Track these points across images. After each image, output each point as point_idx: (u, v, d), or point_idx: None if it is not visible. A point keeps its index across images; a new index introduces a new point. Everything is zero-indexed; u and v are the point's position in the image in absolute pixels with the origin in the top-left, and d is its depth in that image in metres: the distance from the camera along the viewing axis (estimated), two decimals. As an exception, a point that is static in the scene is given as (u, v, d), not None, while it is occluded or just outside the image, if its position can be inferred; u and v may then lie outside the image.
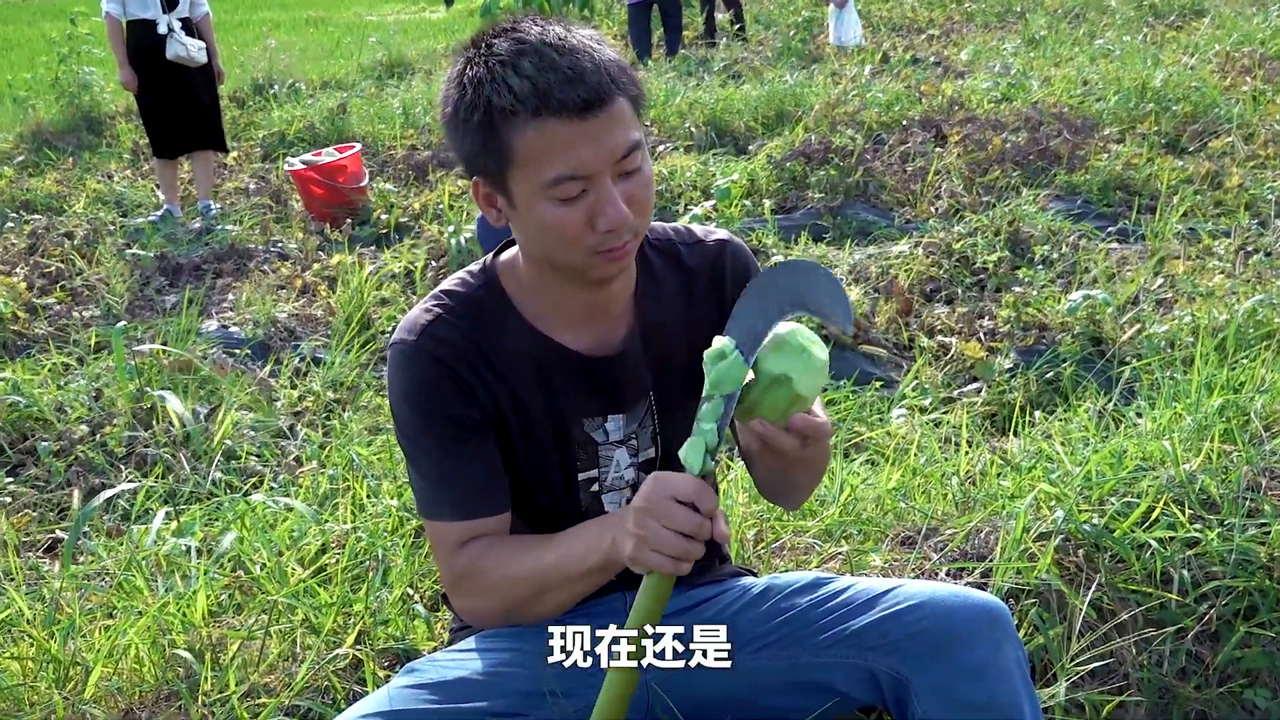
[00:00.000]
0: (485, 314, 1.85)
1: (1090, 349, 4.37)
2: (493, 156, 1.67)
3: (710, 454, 1.61)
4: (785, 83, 9.38)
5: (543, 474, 1.91)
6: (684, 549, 1.57)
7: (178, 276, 6.22)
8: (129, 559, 2.83)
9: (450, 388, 1.80)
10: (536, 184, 1.66)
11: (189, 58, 7.39)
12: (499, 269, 1.89)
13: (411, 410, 1.83)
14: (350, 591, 2.67)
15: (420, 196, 7.48)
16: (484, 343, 1.83)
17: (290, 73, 13.00)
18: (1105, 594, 2.58)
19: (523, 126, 1.62)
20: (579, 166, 1.64)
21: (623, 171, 1.68)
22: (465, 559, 1.84)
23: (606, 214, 1.66)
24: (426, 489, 1.86)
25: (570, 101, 1.61)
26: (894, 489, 3.09)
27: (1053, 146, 6.99)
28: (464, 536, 1.84)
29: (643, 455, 1.96)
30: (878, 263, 5.43)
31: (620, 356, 1.89)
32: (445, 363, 1.80)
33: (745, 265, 1.97)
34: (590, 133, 1.63)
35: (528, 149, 1.64)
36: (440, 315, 1.83)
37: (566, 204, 1.66)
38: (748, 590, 2.01)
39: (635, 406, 1.92)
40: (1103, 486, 2.81)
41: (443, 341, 1.80)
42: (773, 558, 2.88)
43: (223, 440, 3.84)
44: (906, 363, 4.61)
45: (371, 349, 4.86)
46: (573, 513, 1.94)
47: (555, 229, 1.68)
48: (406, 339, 1.82)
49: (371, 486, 3.27)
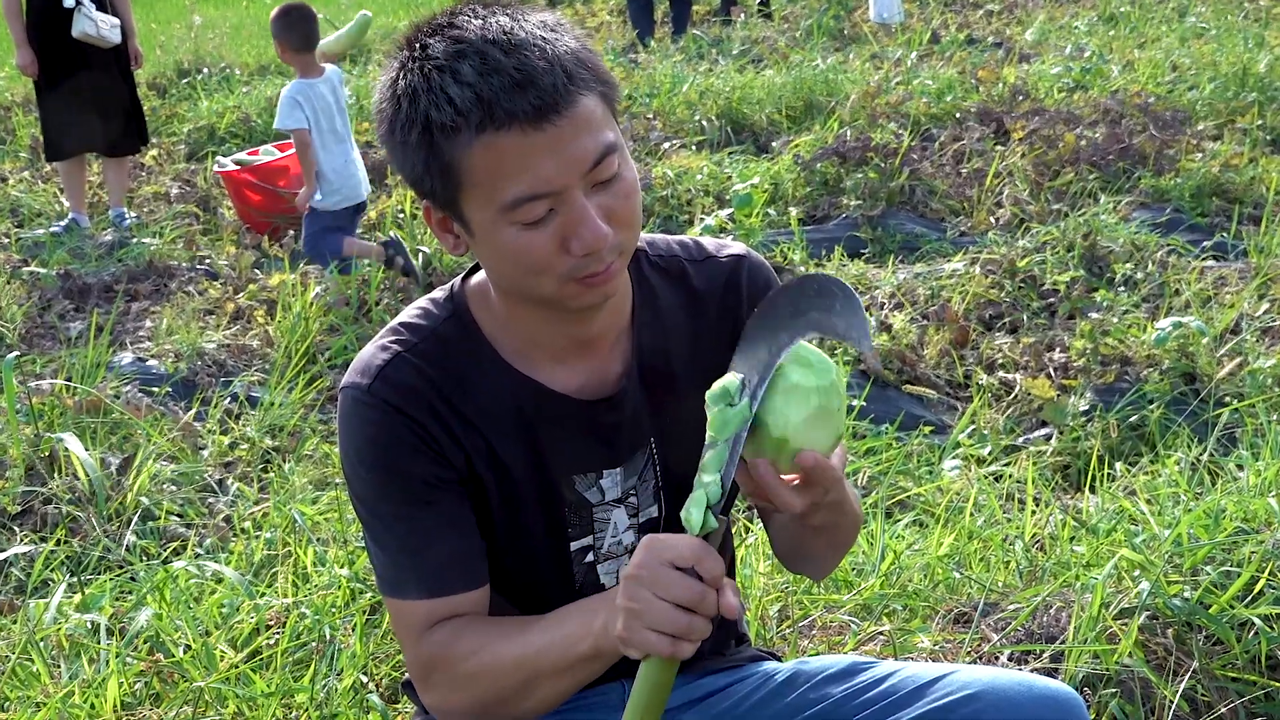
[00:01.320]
0: (453, 352, 1.83)
1: (1182, 387, 4.39)
2: (440, 179, 1.67)
3: (714, 509, 1.60)
4: (815, 67, 9.44)
5: (526, 543, 1.90)
6: (684, 625, 1.54)
7: (85, 299, 6.24)
8: (24, 639, 2.84)
9: (411, 443, 1.79)
10: (494, 208, 1.65)
11: (99, 37, 7.40)
12: (469, 295, 1.88)
13: (366, 470, 1.82)
14: (292, 679, 2.67)
15: (376, 204, 7.51)
16: (452, 387, 1.82)
17: (221, 55, 13.07)
18: (1200, 682, 2.59)
19: (469, 144, 1.62)
20: (540, 184, 1.63)
21: (596, 182, 1.67)
22: (434, 644, 1.82)
23: (581, 235, 1.65)
24: (386, 563, 1.85)
25: (520, 110, 1.60)
26: (946, 556, 3.10)
27: (1136, 144, 7.03)
28: (432, 617, 1.83)
29: (644, 515, 1.95)
30: (927, 283, 5.46)
31: (616, 398, 1.88)
32: (405, 413, 1.78)
33: (765, 285, 1.95)
34: (549, 143, 1.62)
35: (477, 169, 1.64)
36: (399, 354, 1.81)
37: (532, 228, 1.65)
38: (770, 678, 2.01)
39: (634, 457, 1.92)
40: (1196, 553, 2.82)
41: (402, 388, 1.79)
42: (800, 638, 2.88)
43: (138, 496, 3.85)
44: (961, 404, 4.63)
45: (318, 387, 4.88)
46: (564, 589, 1.92)
47: (522, 258, 1.67)
48: (358, 383, 1.81)
49: (318, 552, 3.28)
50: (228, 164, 7.53)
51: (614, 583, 1.95)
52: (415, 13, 15.91)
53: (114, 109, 7.72)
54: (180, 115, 10.68)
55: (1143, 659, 2.58)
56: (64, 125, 7.65)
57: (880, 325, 5.07)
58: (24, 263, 6.82)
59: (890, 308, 5.32)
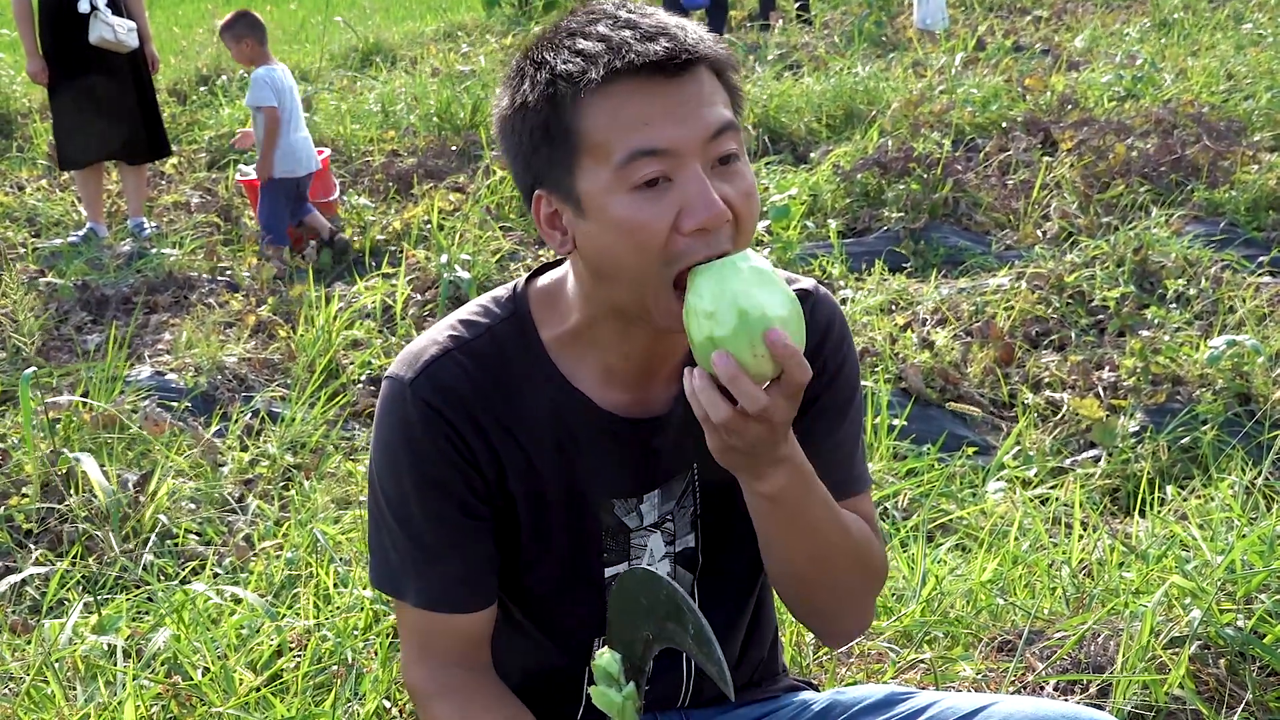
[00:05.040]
0: (505, 355, 1.83)
1: (1236, 408, 4.37)
2: (558, 146, 1.67)
3: None
4: (856, 75, 9.45)
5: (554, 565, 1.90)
6: None
7: (103, 311, 6.28)
8: (39, 660, 2.85)
9: (446, 453, 1.79)
10: (609, 170, 1.64)
11: (116, 42, 7.45)
12: (531, 297, 1.88)
13: (390, 464, 1.83)
14: (313, 703, 2.68)
15: (402, 213, 7.55)
16: (497, 394, 1.82)
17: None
18: (1254, 714, 2.57)
19: (592, 95, 1.63)
20: (659, 139, 1.63)
21: (716, 159, 1.66)
22: (426, 677, 1.88)
23: (695, 208, 1.63)
24: (391, 560, 1.87)
25: (650, 53, 1.62)
26: (989, 581, 3.09)
27: (1189, 156, 7.01)
28: (427, 625, 1.86)
29: (680, 544, 1.95)
30: (970, 299, 5.45)
31: (664, 420, 1.87)
32: (443, 415, 1.79)
33: (825, 325, 1.92)
34: (673, 99, 1.64)
35: (598, 125, 1.64)
36: (450, 352, 1.81)
37: (646, 195, 1.63)
38: (806, 708, 2.01)
39: (672, 483, 1.91)
40: (1250, 581, 2.81)
41: (445, 388, 1.79)
42: (838, 667, 2.88)
43: (156, 515, 3.88)
44: (1006, 424, 4.62)
45: (340, 402, 4.91)
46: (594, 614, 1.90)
47: (634, 231, 1.64)
48: (402, 375, 1.81)
49: (340, 573, 3.29)
50: (250, 173, 7.57)
51: None
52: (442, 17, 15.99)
53: (129, 115, 7.74)
54: (201, 122, 10.74)
55: (1194, 690, 2.57)
56: (77, 133, 7.69)
57: (922, 342, 5.07)
58: (40, 273, 6.88)
59: (933, 324, 5.31)
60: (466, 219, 7.09)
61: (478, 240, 6.69)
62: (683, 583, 1.95)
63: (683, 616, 1.56)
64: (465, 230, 6.88)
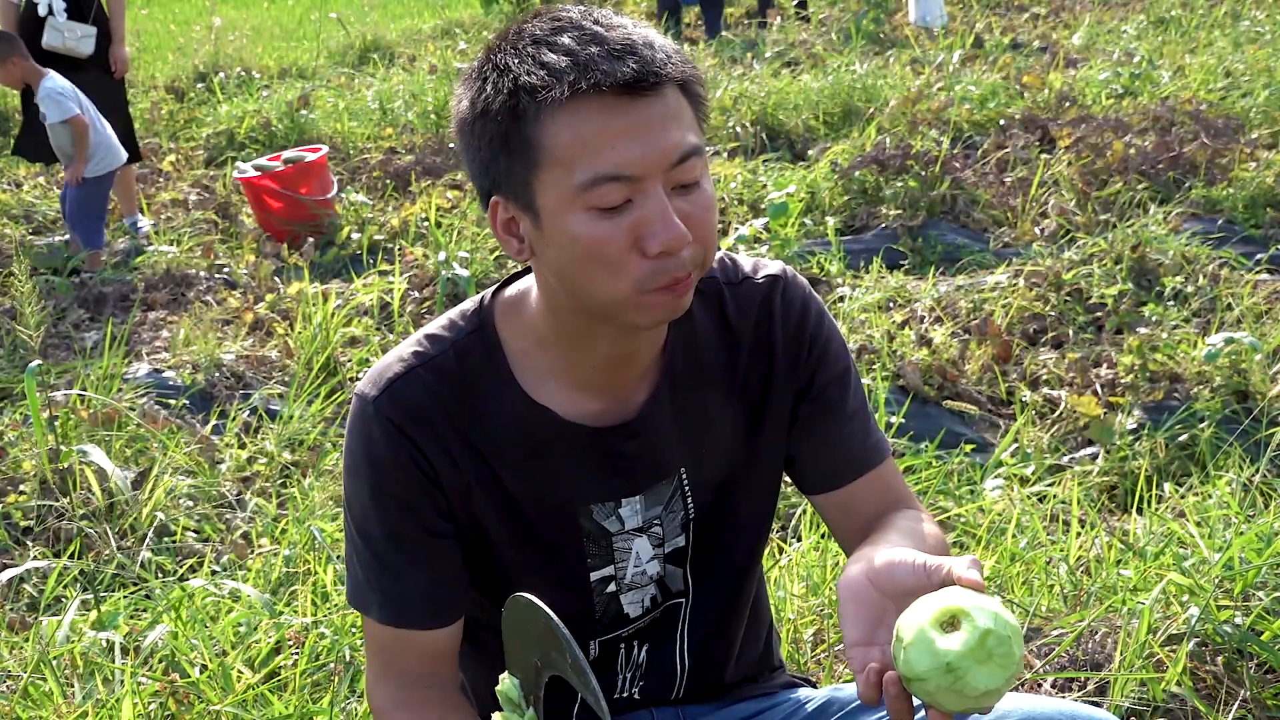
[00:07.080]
0: (469, 371, 1.83)
1: (1234, 406, 4.37)
2: (517, 156, 1.65)
3: None
4: (854, 72, 9.45)
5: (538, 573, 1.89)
6: None
7: (100, 308, 6.29)
8: (37, 657, 2.86)
9: (410, 472, 1.80)
10: (569, 187, 1.62)
11: (65, 48, 7.44)
12: (498, 309, 1.87)
13: (355, 481, 1.84)
14: (311, 701, 2.69)
15: (400, 211, 7.55)
16: (462, 410, 1.82)
17: (240, 58, 13.14)
18: (1251, 711, 2.58)
19: (555, 112, 1.60)
20: (623, 165, 1.60)
21: (678, 184, 1.64)
22: (386, 694, 1.88)
23: (656, 232, 1.62)
24: (358, 576, 1.88)
25: (617, 73, 1.59)
26: (987, 579, 3.09)
27: (1187, 153, 7.01)
28: (390, 642, 1.87)
29: (669, 545, 1.94)
30: (968, 296, 5.45)
31: (634, 425, 1.86)
32: (405, 433, 1.79)
33: (801, 303, 1.92)
34: (638, 122, 1.61)
35: (560, 142, 1.61)
36: (414, 369, 1.81)
37: (606, 217, 1.62)
38: (802, 705, 2.01)
39: (657, 487, 1.90)
40: (1248, 577, 2.81)
41: (408, 405, 1.79)
42: (835, 663, 2.89)
43: (154, 511, 3.88)
44: (1004, 422, 4.62)
45: (338, 400, 4.91)
46: (585, 619, 1.93)
47: (592, 251, 1.63)
48: (367, 393, 1.81)
49: (338, 570, 3.30)
50: (248, 170, 7.57)
51: (638, 613, 1.96)
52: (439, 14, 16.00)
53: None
54: (199, 119, 10.74)
55: (1191, 688, 2.58)
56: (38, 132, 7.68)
57: (920, 340, 5.07)
58: (37, 270, 6.87)
59: (931, 321, 5.31)
60: (464, 216, 7.09)
61: (475, 238, 6.69)
62: (672, 578, 1.96)
63: (560, 646, 1.55)
64: (463, 228, 6.88)
